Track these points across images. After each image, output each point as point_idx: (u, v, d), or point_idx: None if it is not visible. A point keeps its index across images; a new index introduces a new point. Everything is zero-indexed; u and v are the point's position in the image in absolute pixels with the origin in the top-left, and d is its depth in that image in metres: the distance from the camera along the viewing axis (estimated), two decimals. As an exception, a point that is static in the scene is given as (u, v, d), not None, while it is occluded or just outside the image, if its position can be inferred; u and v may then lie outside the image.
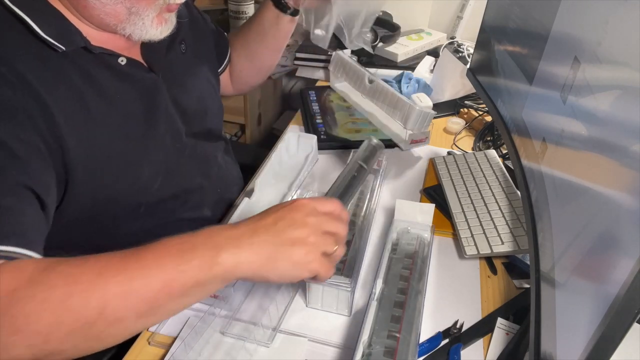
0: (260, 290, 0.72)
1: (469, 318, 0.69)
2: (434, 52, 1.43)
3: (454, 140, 1.10)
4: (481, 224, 0.81)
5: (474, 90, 1.10)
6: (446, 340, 0.66)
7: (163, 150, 0.77)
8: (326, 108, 1.16)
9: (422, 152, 1.04)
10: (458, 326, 0.67)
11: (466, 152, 1.01)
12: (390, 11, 1.53)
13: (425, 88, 1.21)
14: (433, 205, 0.78)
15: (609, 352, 0.40)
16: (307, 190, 0.91)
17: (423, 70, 1.33)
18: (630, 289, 0.37)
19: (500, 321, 0.67)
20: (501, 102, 0.89)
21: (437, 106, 1.16)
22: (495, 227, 0.80)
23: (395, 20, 1.51)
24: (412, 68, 1.34)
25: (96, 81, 0.67)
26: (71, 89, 0.64)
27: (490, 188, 0.88)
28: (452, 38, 1.47)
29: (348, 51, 1.20)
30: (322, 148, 1.02)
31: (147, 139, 0.74)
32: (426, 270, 0.71)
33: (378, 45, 1.42)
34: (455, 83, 1.18)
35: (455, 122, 1.12)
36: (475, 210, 0.84)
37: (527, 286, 0.74)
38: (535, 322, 0.56)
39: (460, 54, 1.24)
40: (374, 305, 0.65)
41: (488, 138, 1.09)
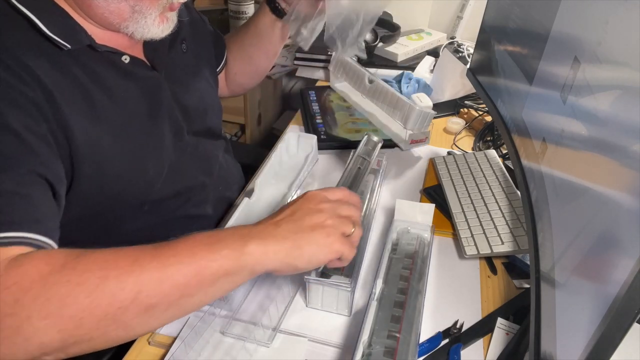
0: (260, 290, 0.72)
1: (469, 318, 0.69)
2: (434, 52, 1.43)
3: (454, 140, 1.10)
4: (481, 224, 0.81)
5: (474, 90, 1.10)
6: (446, 340, 0.66)
7: (166, 148, 0.77)
8: (326, 108, 1.16)
9: (422, 152, 1.04)
10: (458, 326, 0.67)
11: (466, 152, 1.01)
12: (390, 11, 1.53)
13: (425, 88, 1.21)
14: (433, 205, 0.78)
15: (609, 352, 0.40)
16: (307, 190, 0.90)
17: (423, 70, 1.33)
18: (630, 289, 0.37)
19: (500, 321, 0.67)
20: (501, 102, 0.89)
21: (437, 106, 1.16)
22: (495, 227, 0.80)
23: (395, 20, 1.51)
24: (412, 68, 1.34)
25: (101, 79, 0.68)
26: (77, 86, 0.65)
27: (490, 188, 0.88)
28: (452, 38, 1.47)
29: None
30: (322, 148, 1.02)
31: (151, 137, 0.75)
32: (426, 270, 0.71)
33: (378, 45, 1.42)
34: (455, 83, 1.18)
35: (455, 122, 1.12)
36: (475, 210, 0.84)
37: (527, 286, 0.74)
38: (535, 322, 0.56)
39: (460, 54, 1.24)
40: (374, 305, 0.65)
41: (488, 138, 1.09)
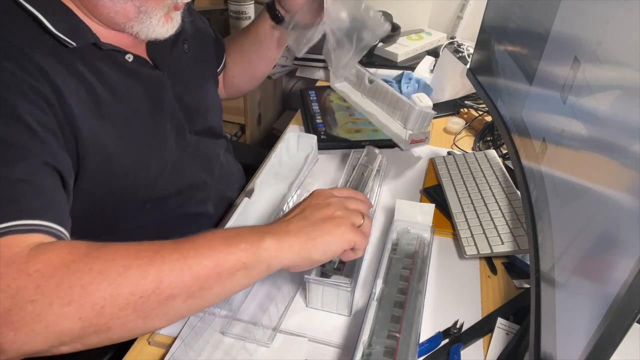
0: (260, 290, 0.72)
1: (469, 318, 0.69)
2: (434, 52, 1.43)
3: (454, 140, 1.10)
4: (481, 224, 0.81)
5: (474, 90, 1.10)
6: (446, 340, 0.66)
7: (168, 146, 0.78)
8: (326, 108, 1.16)
9: (422, 152, 1.04)
10: (458, 326, 0.67)
11: (466, 152, 1.01)
12: (390, 11, 1.53)
13: (425, 88, 1.21)
14: (433, 205, 0.77)
15: (609, 352, 0.40)
16: (307, 190, 0.91)
17: (423, 70, 1.33)
18: (630, 289, 0.37)
19: (500, 321, 0.67)
20: (501, 102, 0.89)
21: (437, 106, 1.16)
22: (495, 227, 0.80)
23: (395, 20, 1.51)
24: (412, 68, 1.34)
25: (105, 76, 0.68)
26: (82, 83, 0.65)
27: (490, 188, 0.88)
28: (452, 38, 1.47)
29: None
30: (322, 148, 1.02)
31: (154, 135, 0.75)
32: (426, 270, 0.71)
33: (378, 45, 1.42)
34: (455, 83, 1.18)
35: (455, 122, 1.12)
36: (475, 210, 0.84)
37: (527, 286, 0.74)
38: (535, 322, 0.56)
39: (460, 54, 1.24)
40: (374, 305, 0.65)
41: (488, 138, 1.09)
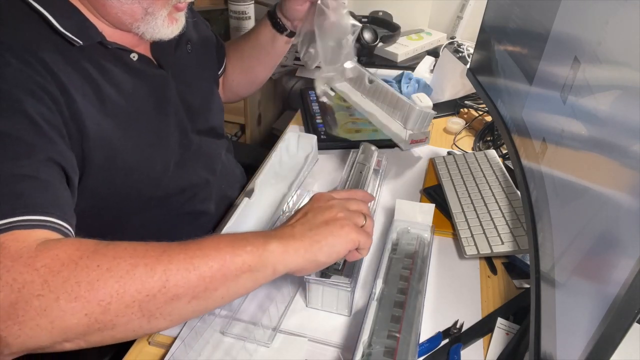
0: (260, 290, 0.72)
1: (469, 318, 0.69)
2: (434, 52, 1.44)
3: (454, 140, 1.10)
4: (481, 224, 0.81)
5: (474, 90, 1.10)
6: (446, 340, 0.66)
7: (172, 145, 0.79)
8: (326, 108, 1.16)
9: (422, 152, 1.04)
10: (458, 326, 0.67)
11: (466, 152, 1.01)
12: (390, 11, 1.53)
13: (425, 88, 1.21)
14: (433, 205, 0.77)
15: (609, 352, 0.39)
16: (307, 190, 0.91)
17: (423, 70, 1.33)
18: (630, 289, 0.37)
19: (500, 321, 0.67)
20: (501, 102, 0.89)
21: (437, 106, 1.16)
22: (495, 227, 0.80)
23: (395, 20, 1.52)
24: (412, 68, 1.34)
25: (110, 75, 0.69)
26: (88, 81, 0.66)
27: (490, 188, 0.88)
28: (452, 38, 1.47)
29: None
30: (322, 148, 1.02)
31: (158, 133, 0.76)
32: (426, 270, 0.71)
33: (378, 45, 1.42)
34: (455, 83, 1.18)
35: (455, 122, 1.12)
36: (475, 210, 0.84)
37: (527, 286, 0.74)
38: (535, 322, 0.56)
39: (460, 54, 1.24)
40: (374, 305, 0.65)
41: (488, 138, 1.09)
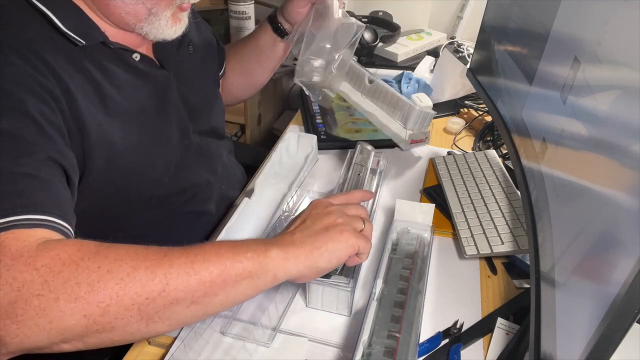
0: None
1: (469, 318, 0.69)
2: (434, 52, 1.43)
3: (454, 140, 1.10)
4: (481, 224, 0.81)
5: (474, 90, 1.10)
6: (446, 340, 0.66)
7: (173, 145, 0.79)
8: (326, 108, 1.16)
9: (422, 152, 1.04)
10: (458, 326, 0.67)
11: (466, 152, 1.01)
12: (390, 11, 1.53)
13: (425, 88, 1.21)
14: (433, 205, 0.77)
15: (609, 352, 0.39)
16: (307, 190, 0.91)
17: (423, 70, 1.33)
18: (630, 289, 0.37)
19: (500, 321, 0.67)
20: (501, 102, 0.89)
21: (437, 106, 1.16)
22: (495, 227, 0.80)
23: (395, 20, 1.51)
24: (412, 68, 1.34)
25: (112, 75, 0.69)
26: (90, 81, 0.66)
27: (490, 188, 0.88)
28: (452, 38, 1.47)
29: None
30: (322, 148, 1.02)
31: (160, 133, 0.76)
32: (426, 270, 0.71)
33: (378, 45, 1.42)
34: (455, 83, 1.18)
35: (455, 122, 1.12)
36: (475, 210, 0.84)
37: (527, 286, 0.74)
38: (535, 322, 0.56)
39: (460, 54, 1.24)
40: (374, 305, 0.65)
41: (488, 138, 1.09)
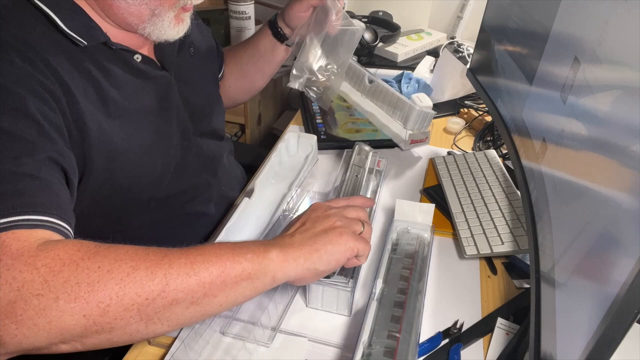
0: (260, 290, 0.72)
1: (469, 318, 0.69)
2: (434, 52, 1.44)
3: (454, 140, 1.10)
4: (481, 224, 0.81)
5: (474, 90, 1.10)
6: (446, 340, 0.66)
7: (173, 146, 0.79)
8: (326, 109, 1.16)
9: (422, 152, 1.04)
10: (458, 326, 0.67)
11: (466, 152, 1.01)
12: (390, 11, 1.53)
13: (425, 88, 1.21)
14: (433, 205, 0.77)
15: (609, 352, 0.39)
16: (307, 190, 0.91)
17: (423, 70, 1.33)
18: (630, 289, 0.37)
19: (500, 321, 0.67)
20: (501, 102, 0.89)
21: (437, 106, 1.16)
22: (495, 227, 0.80)
23: (395, 20, 1.51)
24: (412, 68, 1.34)
25: (113, 76, 0.69)
26: (91, 82, 0.66)
27: (490, 188, 0.88)
28: (452, 38, 1.47)
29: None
30: (322, 148, 1.02)
31: (160, 134, 0.76)
32: (426, 270, 0.71)
33: (378, 45, 1.42)
34: (455, 83, 1.18)
35: (455, 122, 1.12)
36: (475, 210, 0.84)
37: (527, 286, 0.74)
38: (535, 322, 0.56)
39: (460, 54, 1.24)
40: (374, 305, 0.65)
41: (488, 138, 1.09)
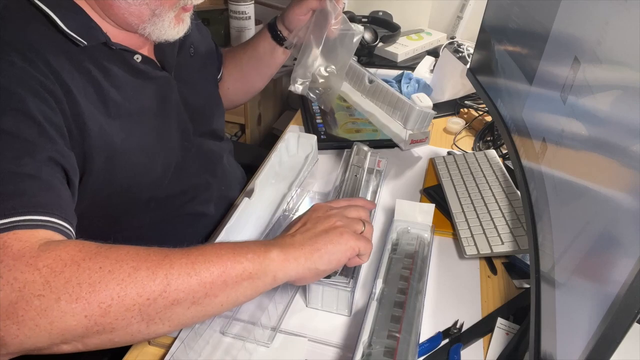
0: (260, 290, 0.72)
1: (469, 318, 0.69)
2: (434, 52, 1.43)
3: (454, 140, 1.10)
4: (481, 224, 0.81)
5: (474, 90, 1.10)
6: (446, 340, 0.66)
7: (173, 147, 0.79)
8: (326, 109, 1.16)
9: (422, 152, 1.04)
10: (458, 326, 0.67)
11: (466, 152, 1.01)
12: (390, 11, 1.53)
13: (425, 88, 1.21)
14: (433, 205, 0.77)
15: (609, 352, 0.39)
16: (307, 190, 0.91)
17: (423, 70, 1.33)
18: (630, 289, 0.37)
19: (500, 321, 0.67)
20: (501, 102, 0.89)
21: (437, 106, 1.16)
22: (495, 227, 0.80)
23: (395, 20, 1.51)
24: (412, 68, 1.34)
25: (113, 76, 0.69)
26: (91, 82, 0.66)
27: (490, 188, 0.88)
28: (452, 38, 1.47)
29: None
30: (322, 148, 1.02)
31: (160, 135, 0.76)
32: (426, 270, 0.71)
33: (378, 45, 1.42)
34: (455, 83, 1.18)
35: (455, 122, 1.12)
36: (475, 210, 0.84)
37: (527, 286, 0.74)
38: (535, 322, 0.56)
39: (460, 54, 1.24)
40: (374, 305, 0.65)
41: (488, 138, 1.09)
